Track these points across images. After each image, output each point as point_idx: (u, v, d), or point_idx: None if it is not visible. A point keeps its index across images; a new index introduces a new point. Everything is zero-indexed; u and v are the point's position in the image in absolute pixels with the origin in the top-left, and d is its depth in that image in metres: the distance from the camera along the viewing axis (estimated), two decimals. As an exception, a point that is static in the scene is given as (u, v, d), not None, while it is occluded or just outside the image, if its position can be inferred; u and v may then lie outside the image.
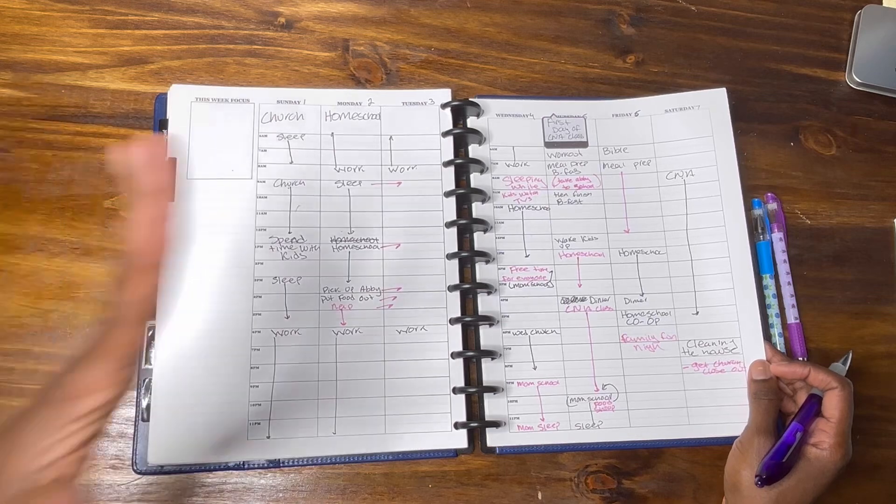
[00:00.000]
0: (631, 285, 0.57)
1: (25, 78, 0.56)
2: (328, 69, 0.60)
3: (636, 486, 0.54)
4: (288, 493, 0.50)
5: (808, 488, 0.49)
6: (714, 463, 0.54)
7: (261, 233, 0.54)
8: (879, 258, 0.62)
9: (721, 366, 0.56)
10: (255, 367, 0.51)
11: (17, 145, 0.54)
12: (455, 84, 0.61)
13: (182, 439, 0.49)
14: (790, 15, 0.69)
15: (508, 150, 0.59)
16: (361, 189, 0.56)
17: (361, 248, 0.55)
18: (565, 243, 0.57)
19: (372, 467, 0.52)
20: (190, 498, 0.49)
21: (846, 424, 0.50)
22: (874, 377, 0.59)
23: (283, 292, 0.53)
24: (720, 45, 0.66)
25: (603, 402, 0.54)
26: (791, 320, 0.58)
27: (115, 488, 0.49)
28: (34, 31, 0.57)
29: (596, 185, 0.59)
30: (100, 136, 0.55)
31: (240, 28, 0.60)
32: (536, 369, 0.54)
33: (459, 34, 0.63)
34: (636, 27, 0.66)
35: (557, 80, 0.63)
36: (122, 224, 0.37)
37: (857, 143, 0.65)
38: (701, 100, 0.61)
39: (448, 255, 0.55)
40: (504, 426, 0.52)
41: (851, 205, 0.63)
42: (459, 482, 0.52)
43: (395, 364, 0.53)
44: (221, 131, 0.55)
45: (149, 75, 0.57)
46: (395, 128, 0.58)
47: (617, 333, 0.56)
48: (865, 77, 0.66)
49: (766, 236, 0.60)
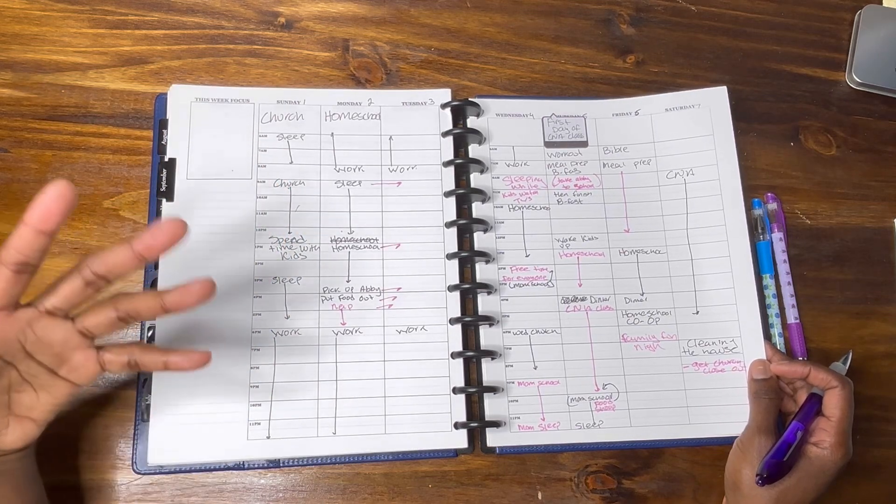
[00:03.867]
0: (631, 285, 0.57)
1: (25, 78, 0.56)
2: (328, 69, 0.60)
3: (636, 486, 0.54)
4: (288, 493, 0.50)
5: (809, 487, 0.49)
6: (714, 463, 0.54)
7: (261, 233, 0.54)
8: (879, 258, 0.62)
9: (721, 365, 0.56)
10: (255, 367, 0.51)
11: (17, 145, 0.54)
12: (455, 84, 0.61)
13: (182, 439, 0.49)
14: (790, 15, 0.69)
15: (508, 150, 0.59)
16: (361, 189, 0.56)
17: (361, 248, 0.55)
18: (565, 243, 0.57)
19: (372, 467, 0.52)
20: (190, 498, 0.49)
21: (847, 423, 0.50)
22: (874, 377, 0.59)
23: (283, 292, 0.53)
24: (720, 45, 0.66)
25: (603, 401, 0.54)
26: (791, 320, 0.58)
27: (115, 488, 0.49)
28: (34, 31, 0.57)
29: (596, 185, 0.59)
30: (100, 136, 0.55)
31: (240, 28, 0.60)
32: (537, 369, 0.54)
33: (459, 34, 0.63)
34: (636, 27, 0.66)
35: (557, 80, 0.63)
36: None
37: (857, 143, 0.65)
38: (701, 98, 0.61)
39: (448, 255, 0.55)
40: (504, 426, 0.52)
41: (851, 205, 0.63)
42: (459, 482, 0.52)
43: (395, 364, 0.53)
44: (221, 131, 0.55)
45: (149, 75, 0.57)
46: (395, 128, 0.58)
47: (617, 333, 0.56)
48: (865, 77, 0.66)
49: (766, 236, 0.60)
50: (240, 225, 0.54)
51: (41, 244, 0.36)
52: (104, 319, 0.40)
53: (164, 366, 0.41)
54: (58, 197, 0.35)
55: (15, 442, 0.40)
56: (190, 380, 0.50)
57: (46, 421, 0.41)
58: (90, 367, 0.40)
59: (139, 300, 0.40)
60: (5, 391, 0.40)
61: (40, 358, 0.40)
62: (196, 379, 0.50)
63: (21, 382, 0.40)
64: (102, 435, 0.50)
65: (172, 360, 0.41)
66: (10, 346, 0.38)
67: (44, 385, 0.40)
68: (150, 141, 0.55)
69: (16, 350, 0.39)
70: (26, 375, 0.40)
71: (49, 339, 0.39)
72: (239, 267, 0.53)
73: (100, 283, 0.39)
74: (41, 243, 0.36)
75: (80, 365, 0.40)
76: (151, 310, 0.40)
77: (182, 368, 0.41)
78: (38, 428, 0.41)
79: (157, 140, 0.55)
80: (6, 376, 0.39)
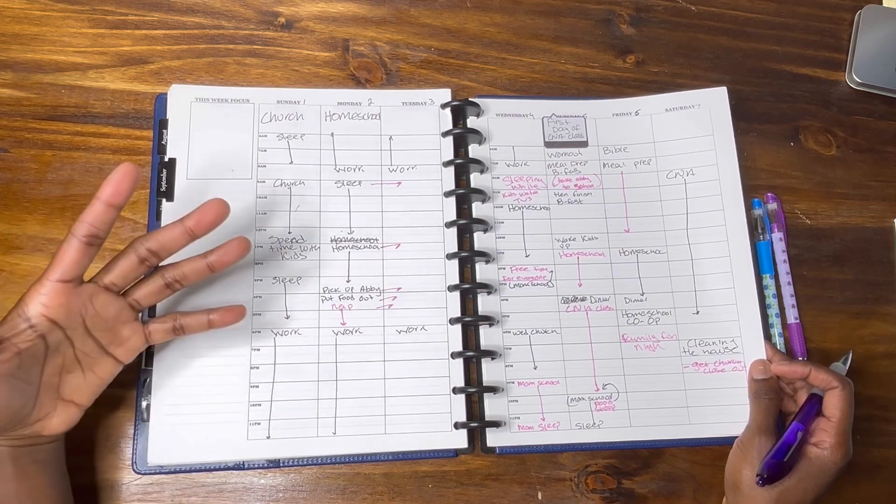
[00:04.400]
0: (631, 285, 0.57)
1: (25, 78, 0.56)
2: (328, 69, 0.60)
3: (636, 486, 0.54)
4: (288, 493, 0.50)
5: (809, 487, 0.49)
6: (714, 463, 0.54)
7: (261, 233, 0.54)
8: (879, 258, 0.62)
9: (721, 365, 0.55)
10: (255, 367, 0.51)
11: (17, 145, 0.54)
12: (455, 84, 0.61)
13: (182, 439, 0.49)
14: (790, 15, 0.69)
15: (508, 150, 0.59)
16: (361, 189, 0.56)
17: (361, 248, 0.55)
18: (565, 243, 0.57)
19: (372, 467, 0.52)
20: (190, 498, 0.49)
21: (847, 424, 0.50)
22: (874, 377, 0.59)
23: (283, 292, 0.53)
24: (720, 45, 0.66)
25: (603, 401, 0.54)
26: (791, 320, 0.58)
27: (115, 488, 0.49)
28: (34, 31, 0.57)
29: (596, 185, 0.59)
30: (100, 136, 0.55)
31: (240, 28, 0.60)
32: (537, 369, 0.54)
33: (459, 34, 0.63)
34: (636, 27, 0.66)
35: (557, 80, 0.63)
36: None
37: (857, 143, 0.65)
38: (701, 99, 0.61)
39: (448, 255, 0.55)
40: (504, 426, 0.52)
41: (851, 205, 0.63)
42: (459, 482, 0.52)
43: (395, 364, 0.52)
44: (221, 131, 0.55)
45: (149, 75, 0.57)
46: (395, 128, 0.58)
47: (617, 333, 0.56)
48: (865, 77, 0.66)
49: (766, 236, 0.60)
50: (240, 225, 0.54)
51: (110, 217, 0.41)
52: (153, 288, 0.44)
53: (209, 324, 0.46)
54: (126, 174, 0.41)
55: (58, 426, 0.42)
56: (190, 380, 0.50)
57: (88, 405, 0.44)
58: (136, 341, 0.44)
59: (185, 264, 0.45)
60: (58, 371, 0.42)
61: (96, 333, 0.43)
62: (196, 379, 0.50)
63: (73, 362, 0.42)
64: (102, 435, 0.50)
65: (214, 318, 0.46)
66: (73, 319, 0.41)
67: (91, 364, 0.43)
68: (150, 141, 0.55)
69: (77, 324, 0.42)
70: (79, 354, 0.43)
71: (106, 312, 0.43)
72: (239, 267, 0.53)
73: (152, 260, 0.44)
74: (110, 216, 0.41)
75: (127, 338, 0.44)
76: (197, 271, 0.45)
77: (226, 323, 0.46)
78: (79, 413, 0.43)
79: (157, 140, 0.55)
80: (62, 354, 0.42)
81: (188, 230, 0.43)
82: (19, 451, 0.42)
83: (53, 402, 0.42)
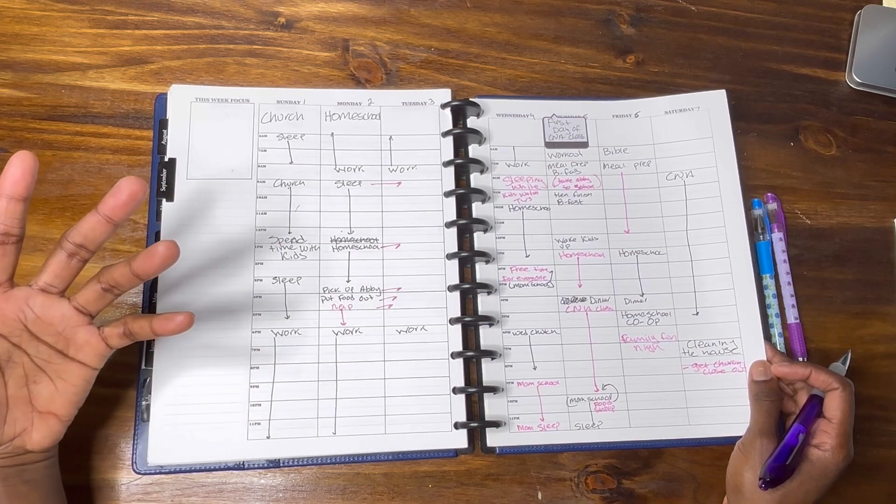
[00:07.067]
0: (631, 285, 0.57)
1: (25, 78, 0.56)
2: (328, 69, 0.60)
3: (636, 486, 0.54)
4: (288, 493, 0.50)
5: (811, 489, 0.49)
6: (714, 463, 0.54)
7: (261, 233, 0.54)
8: (879, 258, 0.62)
9: (721, 366, 0.55)
10: (255, 367, 0.51)
11: (17, 145, 0.54)
12: (455, 84, 0.61)
13: (182, 439, 0.49)
14: (790, 15, 0.69)
15: (508, 150, 0.59)
16: (361, 189, 0.56)
17: (361, 248, 0.55)
18: (565, 243, 0.57)
19: (372, 467, 0.52)
20: (190, 498, 0.49)
21: (848, 425, 0.50)
22: (874, 377, 0.59)
23: (283, 292, 0.53)
24: (720, 45, 0.66)
25: (603, 402, 0.54)
26: (791, 320, 0.58)
27: (115, 488, 0.49)
28: (34, 31, 0.57)
29: (596, 186, 0.59)
30: (100, 136, 0.55)
31: (240, 28, 0.60)
32: (536, 369, 0.54)
33: (459, 34, 0.63)
34: (636, 27, 0.66)
35: (557, 80, 0.63)
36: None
37: (857, 143, 0.65)
38: (701, 101, 0.62)
39: (448, 255, 0.55)
40: (504, 426, 0.52)
41: (851, 205, 0.63)
42: (459, 482, 0.52)
43: (395, 364, 0.53)
44: (221, 131, 0.55)
45: (149, 75, 0.57)
46: (394, 128, 0.58)
47: (617, 334, 0.56)
48: (865, 77, 0.66)
49: (766, 236, 0.60)
50: (240, 225, 0.54)
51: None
52: (92, 293, 0.42)
53: (151, 331, 0.42)
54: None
55: (42, 441, 0.42)
56: (190, 380, 0.50)
57: (70, 416, 0.43)
58: (94, 344, 0.42)
59: (114, 269, 0.42)
60: (23, 383, 0.41)
61: (45, 338, 0.41)
62: (196, 379, 0.50)
63: (36, 371, 0.41)
64: (102, 435, 0.50)
65: (154, 325, 0.42)
66: (12, 325, 0.40)
67: (58, 371, 0.42)
68: (150, 141, 0.55)
69: (19, 329, 0.40)
70: (38, 361, 0.41)
71: (48, 316, 0.41)
72: (239, 267, 0.53)
73: (82, 254, 0.41)
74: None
75: (85, 342, 0.42)
76: (124, 276, 0.41)
77: (166, 330, 0.42)
78: (62, 425, 0.42)
79: (157, 140, 0.55)
80: (20, 363, 0.41)
81: (105, 217, 0.40)
82: (8, 472, 0.41)
83: (28, 415, 0.41)
